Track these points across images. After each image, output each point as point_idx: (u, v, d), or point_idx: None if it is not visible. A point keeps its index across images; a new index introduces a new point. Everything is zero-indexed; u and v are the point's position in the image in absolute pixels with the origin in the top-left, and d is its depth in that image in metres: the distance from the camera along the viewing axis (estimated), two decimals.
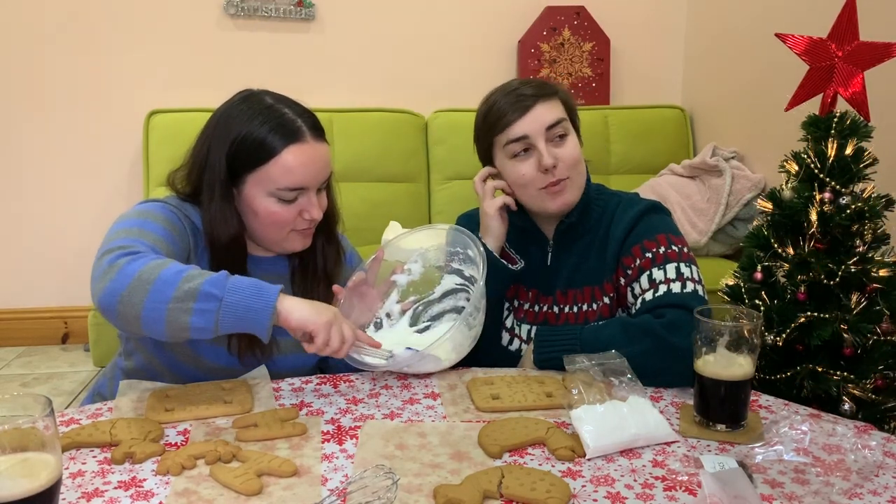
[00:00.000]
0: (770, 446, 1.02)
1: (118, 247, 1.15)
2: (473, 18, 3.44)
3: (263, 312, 1.11)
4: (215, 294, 1.09)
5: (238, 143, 1.28)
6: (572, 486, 0.94)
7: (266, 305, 1.11)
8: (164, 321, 1.09)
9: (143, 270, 1.10)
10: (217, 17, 3.26)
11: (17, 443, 0.78)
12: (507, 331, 1.51)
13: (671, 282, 1.34)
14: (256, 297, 1.11)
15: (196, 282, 1.10)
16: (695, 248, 2.95)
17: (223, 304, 1.09)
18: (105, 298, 1.10)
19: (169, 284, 1.09)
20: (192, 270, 1.12)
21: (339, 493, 0.92)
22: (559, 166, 1.40)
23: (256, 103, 1.31)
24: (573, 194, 1.43)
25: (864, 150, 1.60)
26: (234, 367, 1.31)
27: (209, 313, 1.09)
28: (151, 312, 1.09)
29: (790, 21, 2.60)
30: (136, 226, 1.22)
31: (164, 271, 1.10)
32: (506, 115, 1.40)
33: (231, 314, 1.10)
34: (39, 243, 3.27)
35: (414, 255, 1.47)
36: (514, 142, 1.40)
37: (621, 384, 1.13)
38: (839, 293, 1.59)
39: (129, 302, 1.09)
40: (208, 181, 1.30)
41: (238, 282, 1.12)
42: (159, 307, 1.09)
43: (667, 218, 1.46)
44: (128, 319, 1.11)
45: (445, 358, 1.30)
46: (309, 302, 1.17)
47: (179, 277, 1.10)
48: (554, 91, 1.44)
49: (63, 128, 3.21)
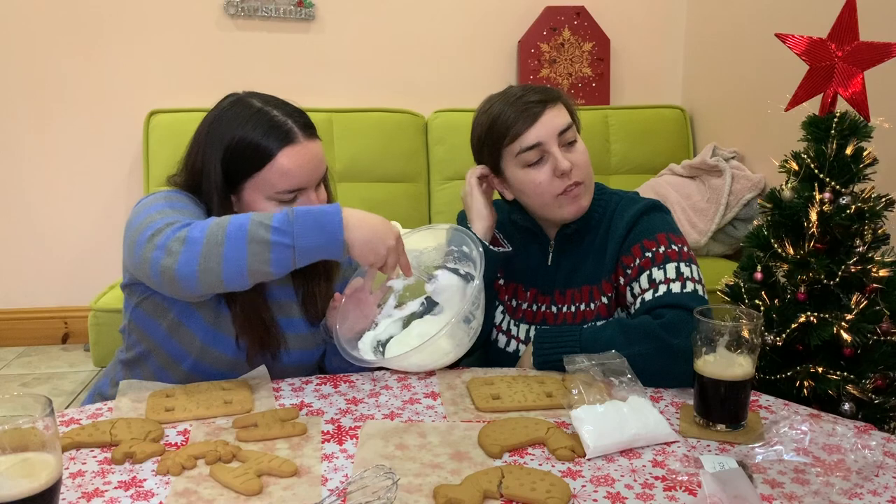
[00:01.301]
0: (770, 446, 1.02)
1: (166, 224, 1.18)
2: (473, 18, 3.44)
3: (334, 248, 1.17)
4: (286, 243, 1.14)
5: (232, 150, 1.28)
6: (572, 486, 0.94)
7: (336, 241, 1.16)
8: (246, 275, 1.15)
9: (209, 233, 1.14)
10: (217, 17, 3.26)
11: (17, 443, 0.78)
12: (504, 333, 1.51)
13: (671, 282, 1.34)
14: (323, 234, 1.16)
15: (265, 234, 1.14)
16: (695, 248, 2.95)
17: (296, 249, 1.14)
18: (182, 269, 1.14)
19: (239, 240, 1.13)
20: (253, 219, 1.15)
21: (339, 493, 0.92)
22: (574, 171, 1.39)
23: (246, 108, 1.31)
24: (587, 199, 1.43)
25: (864, 150, 1.60)
26: (241, 361, 1.32)
27: (286, 260, 1.15)
28: (233, 271, 1.14)
29: (790, 21, 2.60)
30: (167, 206, 1.25)
31: (229, 227, 1.14)
32: (515, 124, 1.38)
33: (305, 255, 1.16)
34: (39, 243, 3.27)
35: (410, 258, 1.47)
36: (528, 150, 1.38)
37: (621, 384, 1.13)
38: (839, 293, 1.59)
39: (206, 268, 1.13)
40: (206, 189, 1.31)
41: (304, 222, 1.15)
42: (239, 264, 1.14)
43: (667, 217, 1.45)
44: (208, 283, 1.15)
45: (445, 353, 1.30)
46: (367, 223, 1.21)
47: (245, 231, 1.14)
48: (557, 96, 1.43)
49: (63, 128, 3.21)
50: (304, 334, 1.39)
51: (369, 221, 1.21)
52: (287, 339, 1.35)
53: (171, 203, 1.26)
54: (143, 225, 1.20)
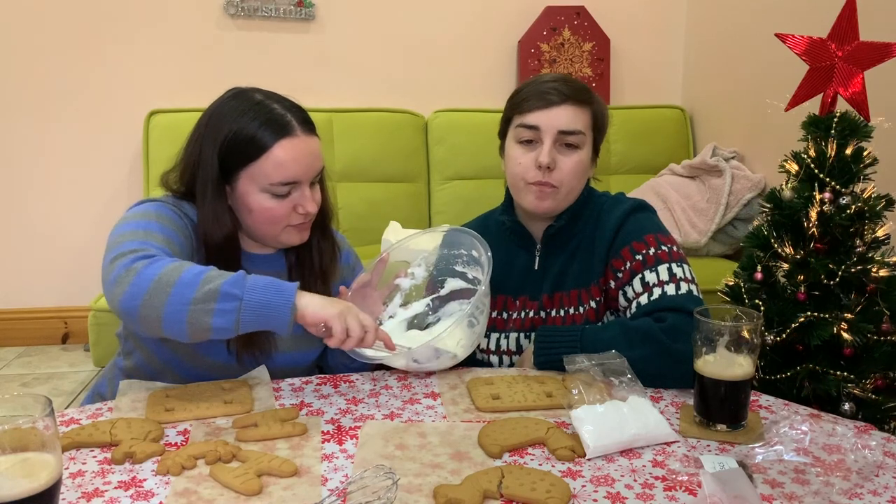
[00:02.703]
0: (770, 446, 1.02)
1: (130, 250, 1.15)
2: (473, 18, 3.44)
3: (284, 309, 1.12)
4: (235, 294, 1.11)
5: (229, 140, 1.28)
6: (572, 486, 0.94)
7: (286, 302, 1.13)
8: (185, 323, 1.11)
9: (162, 274, 1.11)
10: (217, 17, 3.25)
11: (17, 443, 0.78)
12: (495, 353, 1.49)
13: (665, 284, 1.34)
14: (276, 293, 1.13)
15: (216, 283, 1.11)
16: (695, 248, 2.95)
17: (244, 303, 1.11)
18: (126, 303, 1.11)
19: (189, 286, 1.10)
20: (210, 272, 1.13)
21: (339, 493, 0.92)
22: (554, 172, 1.39)
23: (246, 100, 1.32)
24: (555, 205, 1.43)
25: (864, 150, 1.60)
26: (234, 365, 1.31)
27: (230, 313, 1.11)
28: (173, 315, 1.10)
29: (790, 21, 2.60)
30: (141, 228, 1.23)
31: (184, 273, 1.11)
32: (529, 100, 1.41)
33: (252, 313, 1.11)
34: (39, 243, 3.27)
35: (418, 259, 1.47)
36: (524, 128, 1.41)
37: (621, 384, 1.13)
38: (839, 293, 1.59)
39: (150, 305, 1.10)
40: (201, 180, 1.30)
41: (257, 280, 1.13)
42: (181, 309, 1.10)
43: (653, 216, 1.45)
44: (149, 322, 1.12)
45: (453, 353, 1.30)
46: (322, 297, 1.18)
47: (199, 279, 1.11)
48: (589, 101, 1.43)
49: (63, 128, 3.21)
50: (298, 335, 1.39)
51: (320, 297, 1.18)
52: (279, 340, 1.35)
53: (147, 223, 1.24)
54: (114, 243, 1.19)
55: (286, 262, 1.42)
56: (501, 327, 1.49)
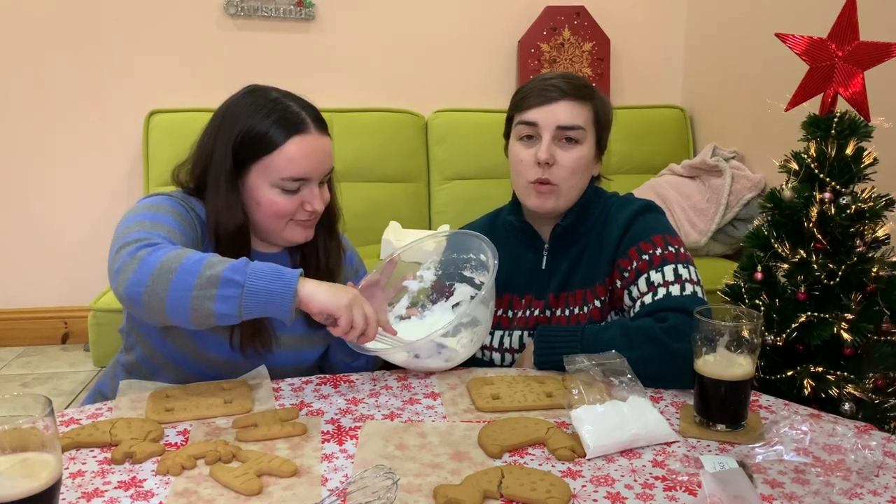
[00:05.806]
0: (770, 446, 1.02)
1: (135, 239, 1.17)
2: (473, 18, 3.44)
3: (286, 296, 1.13)
4: (237, 280, 1.11)
5: (243, 135, 1.30)
6: (572, 486, 0.94)
7: (288, 289, 1.13)
8: (188, 309, 1.12)
9: (165, 260, 1.12)
10: (217, 17, 3.26)
11: (17, 443, 0.78)
12: (497, 350, 1.49)
13: (670, 284, 1.33)
14: (278, 280, 1.13)
15: (218, 269, 1.12)
16: (695, 248, 2.95)
17: (245, 289, 1.11)
18: (130, 290, 1.12)
19: (191, 273, 1.11)
20: (212, 258, 1.14)
21: (339, 493, 0.92)
22: (553, 169, 1.39)
23: (262, 97, 1.33)
24: (556, 203, 1.43)
25: (864, 150, 1.60)
26: (236, 360, 1.32)
27: (232, 299, 1.11)
28: (176, 301, 1.11)
29: (790, 21, 2.60)
30: (147, 219, 1.24)
31: (186, 260, 1.12)
32: (528, 97, 1.42)
33: (254, 299, 1.12)
34: (39, 243, 3.27)
35: (427, 262, 1.47)
36: (524, 125, 1.42)
37: (621, 384, 1.13)
38: (839, 293, 1.59)
39: (153, 292, 1.11)
40: (214, 173, 1.32)
41: (259, 267, 1.14)
42: (183, 295, 1.11)
43: (662, 217, 1.45)
44: (153, 309, 1.13)
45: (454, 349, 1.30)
46: (328, 284, 1.19)
47: (200, 265, 1.12)
48: (590, 97, 1.43)
49: (63, 128, 3.21)
50: (300, 335, 1.39)
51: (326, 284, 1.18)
52: (282, 338, 1.35)
53: (154, 214, 1.25)
54: (120, 234, 1.21)
55: (291, 262, 1.43)
56: (506, 325, 1.50)
